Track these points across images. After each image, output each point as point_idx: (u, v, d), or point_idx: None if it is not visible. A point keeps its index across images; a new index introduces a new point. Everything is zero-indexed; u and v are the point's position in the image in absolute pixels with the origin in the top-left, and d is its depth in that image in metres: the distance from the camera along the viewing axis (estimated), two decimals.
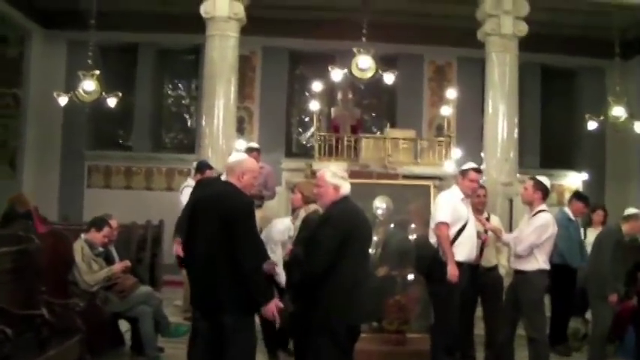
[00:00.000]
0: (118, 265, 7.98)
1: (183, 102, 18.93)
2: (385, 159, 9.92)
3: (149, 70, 18.12)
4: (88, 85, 13.21)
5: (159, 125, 18.62)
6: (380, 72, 12.50)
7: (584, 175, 17.31)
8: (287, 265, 7.03)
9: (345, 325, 5.48)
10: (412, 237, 8.93)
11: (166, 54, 18.47)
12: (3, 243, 6.64)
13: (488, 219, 8.20)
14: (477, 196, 8.23)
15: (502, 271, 8.43)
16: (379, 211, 9.13)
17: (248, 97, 17.70)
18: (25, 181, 16.99)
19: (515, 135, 12.27)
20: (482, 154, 12.36)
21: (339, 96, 13.00)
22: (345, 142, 10.19)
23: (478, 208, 8.22)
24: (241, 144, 16.01)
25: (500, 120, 12.19)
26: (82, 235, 7.96)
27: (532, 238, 7.38)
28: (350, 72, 12.42)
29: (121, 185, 17.69)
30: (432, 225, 7.52)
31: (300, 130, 18.59)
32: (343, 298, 5.42)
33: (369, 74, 12.39)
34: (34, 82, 17.00)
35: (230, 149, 11.92)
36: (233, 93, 12.49)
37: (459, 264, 7.25)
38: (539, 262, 7.44)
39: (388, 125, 10.64)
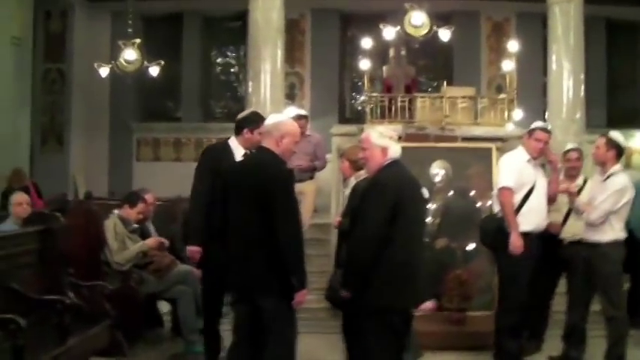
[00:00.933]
0: (151, 241, 7.40)
1: (231, 70, 18.44)
2: (443, 120, 9.11)
3: (195, 39, 17.70)
4: (130, 55, 12.75)
5: (207, 95, 18.16)
6: (435, 28, 11.69)
7: None
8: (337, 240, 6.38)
9: (398, 309, 4.82)
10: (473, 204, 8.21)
11: (212, 21, 17.95)
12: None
13: (582, 186, 7.14)
14: (567, 160, 7.45)
15: None
16: (437, 177, 8.42)
17: (298, 61, 17.11)
18: (73, 156, 16.80)
19: (582, 93, 11.45)
20: (546, 115, 11.60)
21: (391, 53, 12.13)
22: (399, 103, 9.39)
23: (571, 174, 7.41)
24: (291, 111, 15.48)
25: (566, 77, 11.40)
26: (115, 211, 7.40)
27: (608, 205, 6.52)
28: (403, 29, 11.63)
29: (171, 157, 17.27)
30: (495, 191, 6.76)
31: (354, 94, 17.88)
32: (396, 278, 4.73)
33: (423, 31, 11.61)
34: (79, 56, 16.65)
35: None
36: (280, 57, 11.83)
37: (526, 234, 6.48)
38: (616, 230, 6.59)
39: (445, 83, 9.73)
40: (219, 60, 18.48)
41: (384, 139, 4.99)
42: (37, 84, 16.22)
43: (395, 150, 5.01)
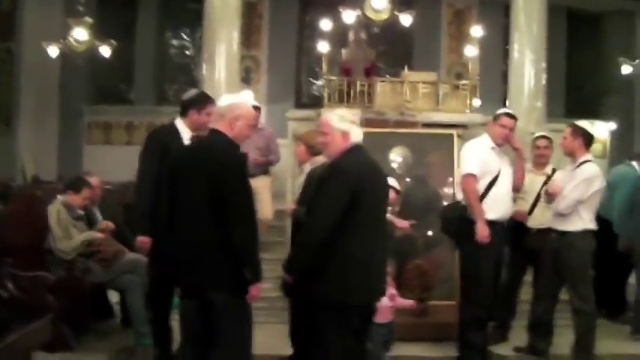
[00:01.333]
0: (97, 232, 7.02)
1: (187, 53, 17.98)
2: (403, 105, 8.84)
3: (150, 19, 17.24)
4: (80, 34, 12.26)
5: (161, 78, 17.69)
6: (395, 12, 11.43)
7: (611, 125, 16.30)
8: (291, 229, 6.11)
9: (352, 305, 4.55)
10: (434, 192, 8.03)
11: (168, 1, 17.51)
12: None
13: (551, 175, 6.89)
14: (536, 147, 7.34)
15: None
16: (396, 164, 8.21)
17: (255, 45, 16.73)
18: (21, 139, 16.11)
19: (543, 82, 11.47)
20: (506, 103, 11.46)
21: (351, 36, 11.79)
22: (358, 87, 9.09)
23: (539, 162, 7.27)
24: (246, 94, 15.15)
25: (527, 66, 11.37)
26: (59, 197, 7.00)
27: (576, 194, 6.36)
28: (363, 13, 11.37)
29: (122, 141, 16.72)
30: (458, 178, 6.54)
31: (311, 79, 17.55)
32: (354, 270, 4.48)
33: (384, 15, 11.38)
34: (29, 35, 15.91)
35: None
36: (236, 39, 11.56)
37: (491, 223, 6.27)
38: (585, 221, 6.44)
39: (406, 68, 9.46)
40: (174, 42, 18.03)
41: (345, 123, 4.72)
42: None
43: (357, 134, 4.75)
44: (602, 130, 15.97)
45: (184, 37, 17.96)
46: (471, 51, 10.37)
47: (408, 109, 8.77)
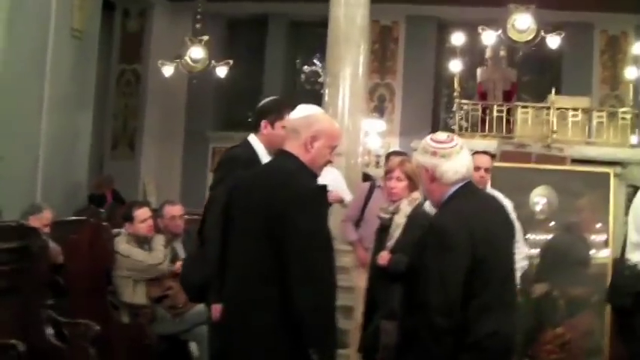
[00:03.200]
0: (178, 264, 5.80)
1: (318, 80, 17.05)
2: (549, 136, 7.44)
3: (280, 44, 16.52)
4: (196, 53, 11.52)
5: (290, 104, 16.71)
6: (542, 33, 10.02)
7: None
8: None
9: None
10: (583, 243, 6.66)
11: (299, 26, 16.77)
12: None
13: None
14: None
15: None
16: (538, 207, 6.88)
17: (390, 72, 15.63)
18: (144, 163, 15.79)
19: None
20: None
21: (488, 53, 10.40)
22: (495, 113, 7.80)
23: None
24: (377, 125, 14.06)
25: None
26: (123, 230, 6.01)
27: None
28: (505, 34, 10.02)
29: None
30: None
31: (450, 109, 16.23)
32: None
33: (528, 37, 9.96)
34: (156, 57, 15.52)
35: (358, 130, 9.84)
36: (363, 61, 10.47)
37: None
38: None
39: (553, 91, 8.02)
40: (304, 68, 17.25)
41: (428, 156, 3.39)
42: (110, 86, 15.55)
43: (452, 169, 3.36)
44: None
45: (315, 62, 17.10)
46: (631, 73, 8.80)
47: (554, 141, 7.34)
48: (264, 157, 4.14)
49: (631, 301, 4.95)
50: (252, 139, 4.30)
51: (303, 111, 3.49)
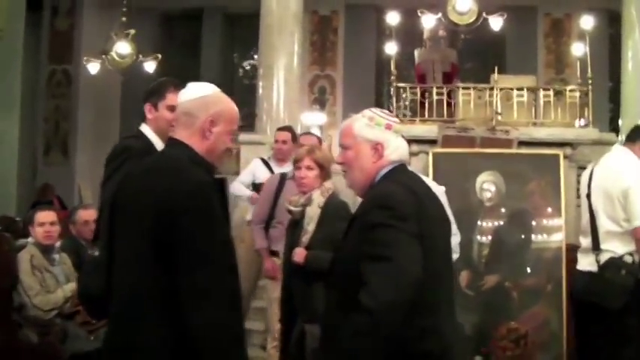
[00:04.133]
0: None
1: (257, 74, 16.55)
2: (493, 118, 7.01)
3: (216, 38, 16.08)
4: (122, 48, 10.90)
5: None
6: (484, 15, 9.60)
7: None
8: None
9: None
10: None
11: (235, 19, 16.25)
12: None
13: None
14: None
15: None
16: (487, 194, 6.45)
17: (330, 63, 15.17)
18: (79, 168, 15.01)
19: None
20: (619, 123, 9.58)
21: (426, 34, 9.90)
22: (435, 96, 7.32)
23: None
24: (317, 117, 13.58)
25: None
26: (29, 240, 5.40)
27: None
28: (446, 17, 9.57)
29: None
30: (616, 225, 4.61)
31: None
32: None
33: (469, 19, 9.53)
34: (88, 56, 14.90)
35: (295, 123, 9.37)
36: (298, 50, 10.12)
37: None
38: None
39: (496, 70, 7.56)
40: (243, 63, 16.81)
41: (377, 130, 2.93)
42: (40, 87, 14.87)
43: (399, 148, 2.96)
44: None
45: (254, 56, 16.57)
46: (578, 49, 8.43)
47: (499, 124, 6.92)
48: (160, 147, 3.61)
49: (618, 301, 4.53)
50: (144, 127, 3.77)
51: (196, 90, 2.93)
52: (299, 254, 4.19)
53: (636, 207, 4.45)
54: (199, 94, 2.85)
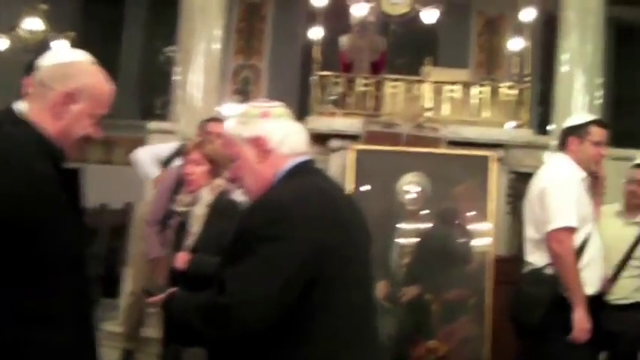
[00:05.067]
0: None
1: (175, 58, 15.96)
2: (422, 114, 6.48)
3: (139, 22, 15.32)
4: (33, 23, 10.09)
5: (148, 89, 15.54)
6: (417, 7, 9.12)
7: None
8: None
9: None
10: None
11: (159, 3, 15.25)
12: None
13: None
14: (631, 182, 4.99)
15: None
16: (409, 196, 5.92)
17: (256, 53, 14.51)
18: None
19: (599, 101, 9.04)
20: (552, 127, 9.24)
21: (353, 19, 9.26)
22: (361, 87, 6.78)
23: (634, 203, 4.97)
24: (238, 108, 12.90)
25: (577, 84, 8.96)
26: None
27: None
28: (378, 7, 9.05)
29: (99, 159, 14.48)
30: (538, 233, 4.14)
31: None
32: None
33: (402, 9, 9.03)
34: None
35: (212, 113, 8.74)
36: (220, 35, 9.33)
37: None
38: None
39: (426, 63, 7.05)
40: (166, 48, 15.93)
41: (251, 123, 2.39)
42: None
43: (286, 136, 2.39)
44: None
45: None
46: (515, 46, 8.01)
47: (428, 120, 6.39)
48: None
49: (536, 318, 4.02)
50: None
51: (58, 56, 2.32)
52: (181, 258, 3.59)
53: (550, 210, 4.01)
54: (60, 60, 2.25)
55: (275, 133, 2.35)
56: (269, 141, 2.34)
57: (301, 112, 13.66)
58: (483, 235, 5.82)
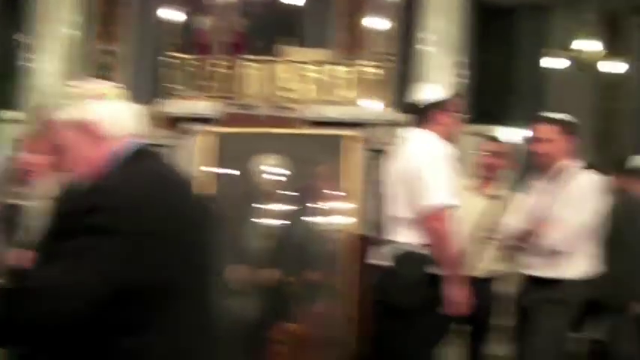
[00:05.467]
0: None
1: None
2: (279, 94, 6.40)
3: None
4: None
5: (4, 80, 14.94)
6: None
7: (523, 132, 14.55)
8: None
9: None
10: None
11: None
12: None
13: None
14: (483, 154, 5.21)
15: None
16: (267, 177, 5.86)
17: (115, 38, 14.11)
18: None
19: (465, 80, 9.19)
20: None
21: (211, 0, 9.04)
22: (217, 69, 6.64)
23: (485, 175, 5.14)
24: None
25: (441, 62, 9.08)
26: None
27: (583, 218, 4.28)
28: None
29: None
30: (410, 212, 4.08)
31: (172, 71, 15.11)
32: None
33: None
34: None
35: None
36: (78, 22, 9.42)
37: None
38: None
39: (284, 43, 6.96)
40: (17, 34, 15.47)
41: (77, 106, 2.15)
42: None
43: (117, 120, 2.18)
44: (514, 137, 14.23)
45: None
46: (381, 24, 8.04)
47: (286, 100, 6.33)
48: None
49: (415, 296, 4.01)
50: None
51: None
52: (16, 256, 3.39)
53: (426, 188, 3.98)
54: None
55: (105, 115, 2.14)
56: (98, 124, 2.14)
57: (159, 96, 13.61)
58: (345, 215, 5.81)
